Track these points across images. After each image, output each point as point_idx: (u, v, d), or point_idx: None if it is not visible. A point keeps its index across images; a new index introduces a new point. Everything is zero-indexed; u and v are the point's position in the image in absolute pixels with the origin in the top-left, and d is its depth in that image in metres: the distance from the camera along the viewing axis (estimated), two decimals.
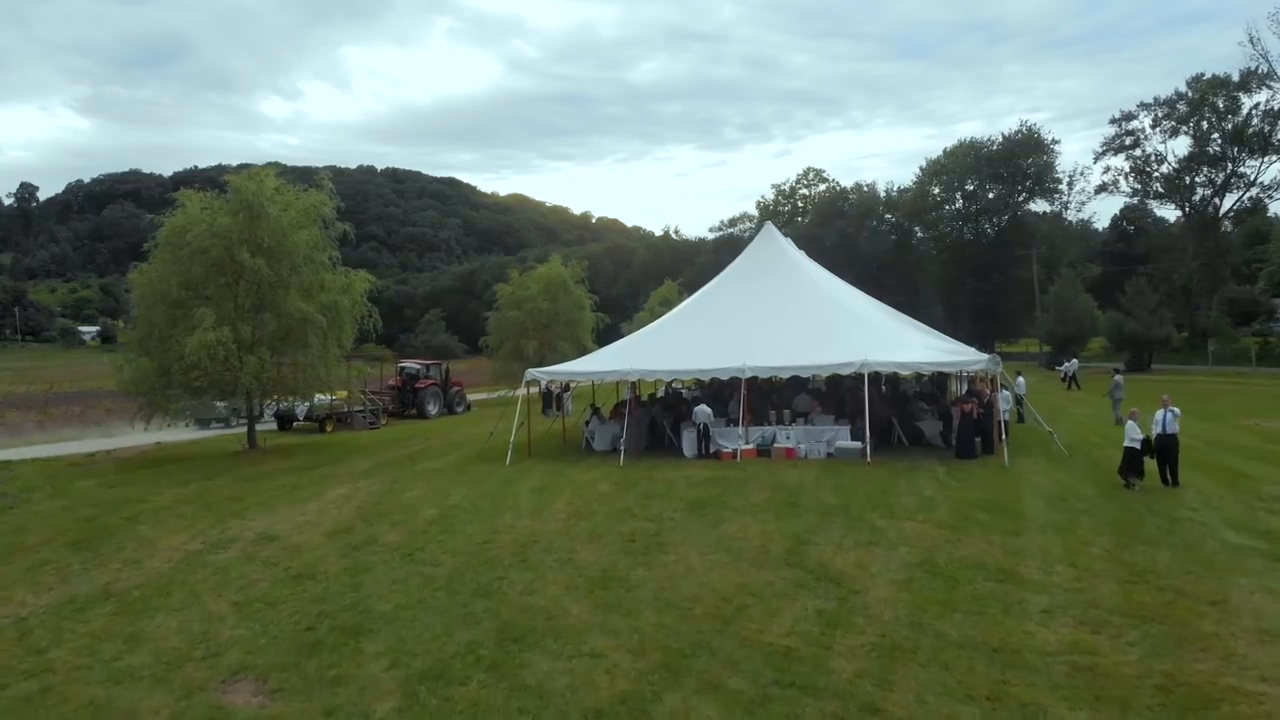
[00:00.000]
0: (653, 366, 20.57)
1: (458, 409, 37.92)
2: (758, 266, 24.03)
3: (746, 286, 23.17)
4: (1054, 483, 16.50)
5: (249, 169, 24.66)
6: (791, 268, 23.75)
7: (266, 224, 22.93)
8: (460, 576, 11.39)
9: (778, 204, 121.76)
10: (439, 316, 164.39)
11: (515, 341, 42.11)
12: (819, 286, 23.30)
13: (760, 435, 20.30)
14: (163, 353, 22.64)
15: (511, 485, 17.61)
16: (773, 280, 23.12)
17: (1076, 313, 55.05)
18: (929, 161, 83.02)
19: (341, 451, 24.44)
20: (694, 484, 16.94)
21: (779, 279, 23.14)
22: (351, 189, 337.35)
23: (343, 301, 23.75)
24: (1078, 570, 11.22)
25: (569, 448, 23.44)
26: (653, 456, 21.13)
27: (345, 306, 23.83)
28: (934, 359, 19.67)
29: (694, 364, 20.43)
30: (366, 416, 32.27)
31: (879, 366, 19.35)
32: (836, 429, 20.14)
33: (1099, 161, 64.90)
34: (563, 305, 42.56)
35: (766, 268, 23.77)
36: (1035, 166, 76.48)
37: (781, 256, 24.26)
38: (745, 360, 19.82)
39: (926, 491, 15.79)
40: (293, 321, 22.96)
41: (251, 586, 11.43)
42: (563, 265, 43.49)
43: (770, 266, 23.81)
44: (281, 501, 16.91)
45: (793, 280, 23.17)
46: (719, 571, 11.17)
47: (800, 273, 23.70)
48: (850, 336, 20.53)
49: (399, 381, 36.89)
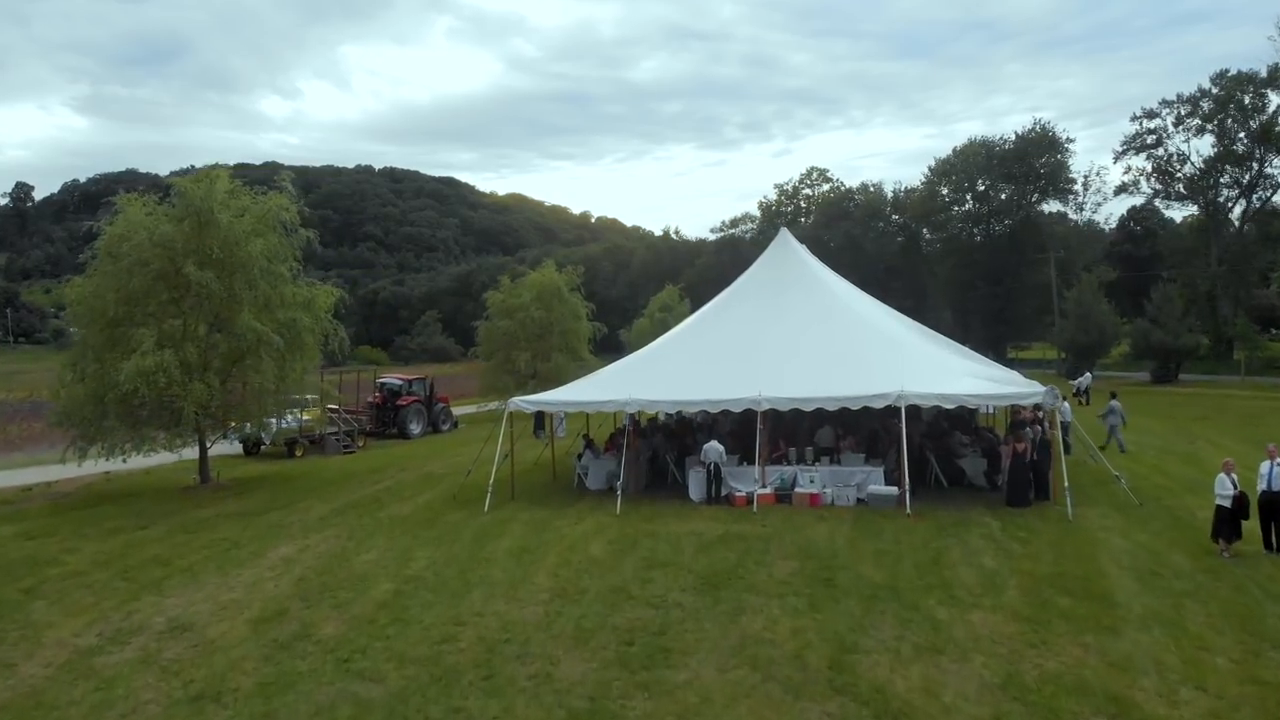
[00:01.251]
0: (654, 396, 17.83)
1: (443, 427, 35.20)
2: (772, 277, 21.28)
3: (760, 301, 20.44)
4: (1135, 547, 13.77)
5: (210, 168, 21.89)
6: (811, 280, 20.99)
7: (216, 232, 20.21)
8: (404, 702, 8.69)
9: (780, 204, 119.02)
10: (435, 318, 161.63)
11: (506, 353, 39.35)
12: (843, 301, 20.53)
13: (779, 477, 17.59)
14: (98, 379, 19.91)
15: (487, 544, 14.88)
16: (790, 294, 20.39)
17: (1098, 319, 52.28)
18: (938, 161, 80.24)
19: (302, 488, 21.69)
20: (704, 545, 14.21)
21: (797, 292, 20.41)
22: (349, 188, 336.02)
23: (303, 319, 20.97)
24: (1208, 696, 8.55)
25: (559, 485, 20.72)
26: (654, 498, 18.44)
27: (306, 324, 21.06)
28: (981, 390, 16.94)
29: (701, 393, 17.69)
30: (340, 439, 29.52)
31: (918, 399, 16.63)
32: (868, 471, 17.40)
33: (1119, 161, 62.14)
34: (557, 314, 39.79)
35: (782, 279, 21.03)
36: (1048, 166, 73.74)
37: (799, 266, 21.51)
38: (761, 389, 17.10)
39: (986, 560, 13.06)
40: (245, 342, 20.22)
41: (135, 715, 8.73)
42: (557, 271, 40.67)
43: (787, 277, 21.07)
44: (212, 567, 14.17)
45: (813, 294, 20.43)
46: (745, 702, 8.45)
47: (821, 285, 20.94)
48: (883, 361, 17.83)
49: (379, 398, 34.13)
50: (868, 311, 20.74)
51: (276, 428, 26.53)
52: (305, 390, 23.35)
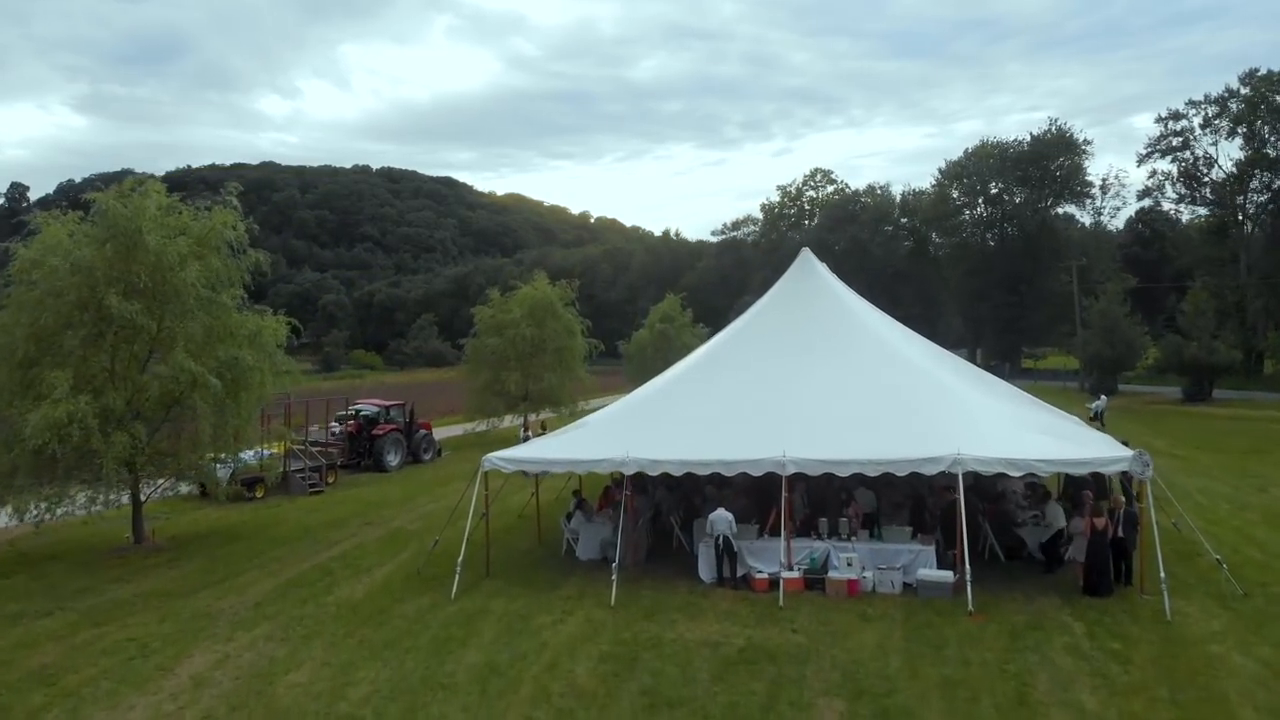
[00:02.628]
0: (658, 454, 14.86)
1: (424, 456, 32.23)
2: (794, 307, 18.30)
3: (780, 336, 17.48)
4: (1261, 668, 10.84)
5: (136, 182, 18.93)
6: (841, 311, 17.99)
7: (145, 256, 17.26)
8: None
9: (783, 206, 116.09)
10: (432, 321, 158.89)
11: (494, 373, 36.48)
12: (880, 337, 17.53)
13: (808, 554, 14.66)
14: (7, 428, 16.99)
15: (447, 657, 11.93)
16: (816, 327, 17.44)
17: (1124, 333, 49.38)
18: (948, 163, 77.48)
19: (247, 551, 18.71)
20: (722, 665, 11.26)
21: (824, 326, 17.46)
22: (346, 189, 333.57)
23: (247, 357, 18.00)
24: None
25: (545, 552, 17.77)
26: (657, 575, 15.53)
27: (250, 364, 18.09)
28: (1054, 453, 13.97)
29: (714, 450, 14.74)
30: (306, 477, 26.56)
31: (978, 464, 13.71)
32: (915, 550, 14.45)
33: (1143, 164, 59.18)
34: (550, 331, 36.90)
35: (806, 309, 18.07)
36: (1063, 169, 70.89)
37: (825, 294, 18.50)
38: (786, 448, 14.17)
39: (1084, 697, 10.12)
40: (178, 385, 17.28)
41: None
42: (550, 285, 37.74)
43: (811, 307, 18.10)
44: (103, 692, 11.22)
45: (843, 328, 17.45)
46: None
47: (853, 318, 17.94)
48: (932, 413, 14.93)
49: (354, 427, 31.15)
50: (909, 350, 17.72)
51: (232, 468, 23.68)
52: (246, 442, 20.33)
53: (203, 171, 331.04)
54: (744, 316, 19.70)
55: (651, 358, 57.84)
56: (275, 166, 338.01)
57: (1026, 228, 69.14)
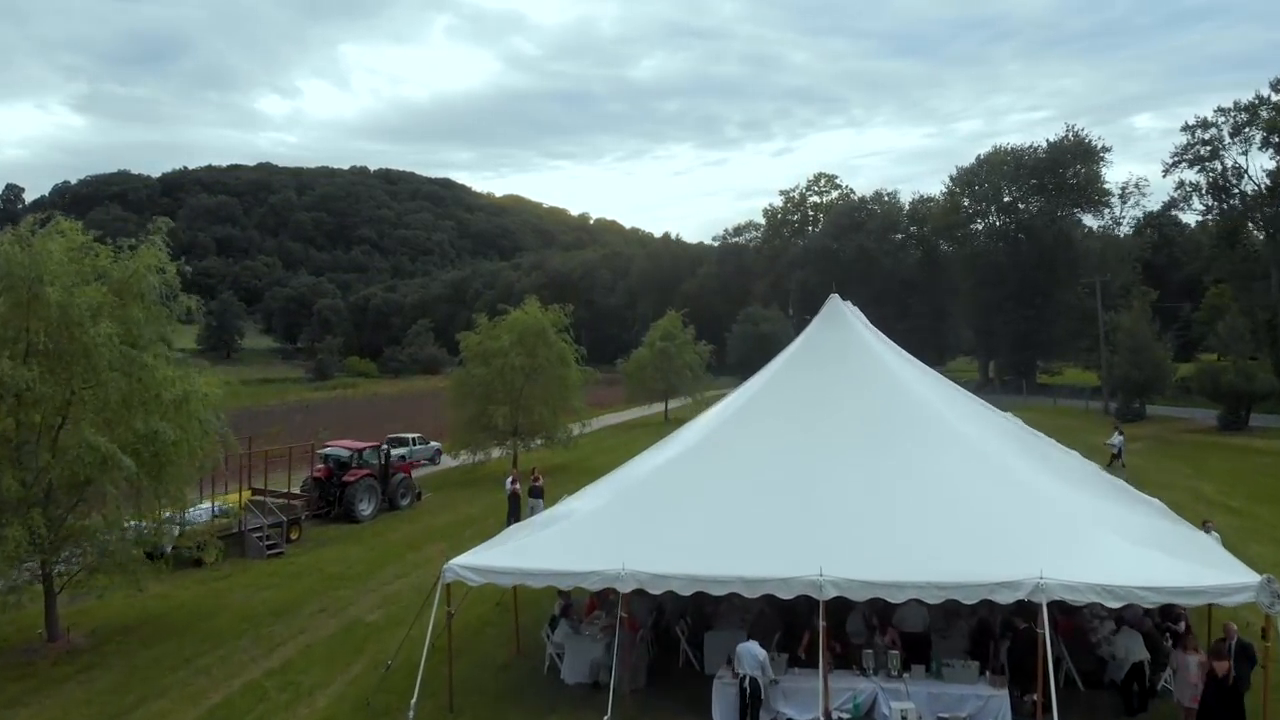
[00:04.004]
0: (661, 567, 11.98)
1: (401, 503, 29.31)
2: (825, 368, 15.30)
3: (810, 407, 14.53)
4: None
5: (34, 223, 15.98)
6: (883, 377, 14.96)
7: (45, 311, 14.38)
8: None
9: (786, 212, 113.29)
10: (427, 327, 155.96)
11: (481, 406, 33.59)
12: (933, 413, 14.55)
13: (850, 698, 11.79)
14: None
15: None
16: (853, 396, 14.53)
17: (1153, 354, 46.50)
18: (959, 170, 74.56)
19: (176, 653, 15.78)
20: None
21: (863, 395, 14.53)
22: (343, 190, 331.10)
23: (168, 432, 15.03)
24: None
25: (524, 670, 14.80)
26: (660, 709, 12.66)
27: (173, 438, 15.11)
28: (1161, 578, 11.06)
29: (731, 563, 11.86)
30: (264, 537, 23.64)
31: (1066, 593, 10.85)
32: (985, 696, 11.55)
33: (1169, 175, 56.18)
34: (541, 359, 34.02)
35: (839, 371, 15.11)
36: (1078, 177, 67.95)
37: (863, 354, 15.52)
38: (823, 564, 11.32)
39: None
40: (84, 465, 14.39)
41: None
42: (541, 310, 34.85)
43: (845, 368, 15.14)
44: None
45: (886, 398, 14.50)
46: None
47: (897, 386, 14.92)
48: (1004, 516, 12.09)
49: (323, 472, 28.24)
50: (966, 425, 14.73)
51: (184, 525, 20.82)
52: (161, 538, 17.29)
53: (199, 173, 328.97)
54: (765, 374, 16.75)
55: (652, 377, 55.14)
56: (272, 168, 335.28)
57: (1042, 238, 66.17)
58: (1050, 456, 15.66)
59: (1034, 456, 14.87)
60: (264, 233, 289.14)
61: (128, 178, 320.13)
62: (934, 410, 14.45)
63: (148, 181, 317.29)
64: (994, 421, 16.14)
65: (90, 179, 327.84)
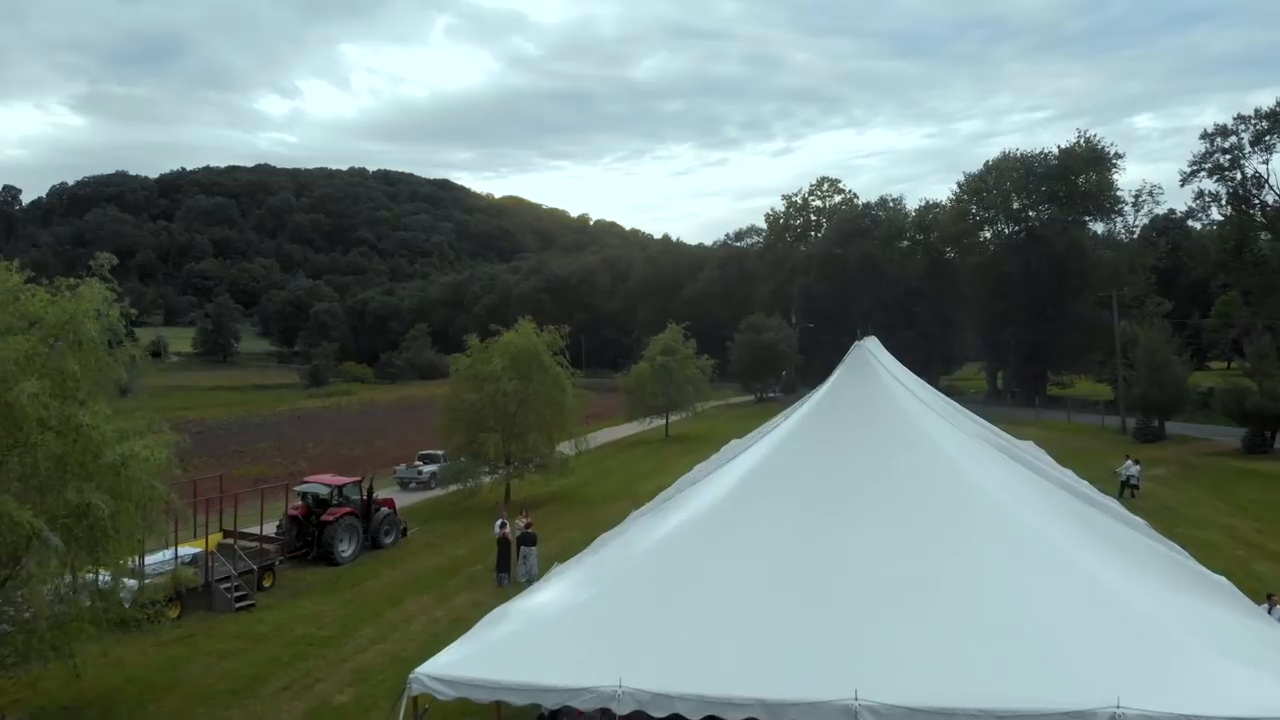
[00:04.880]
0: (665, 685, 10.17)
1: (385, 540, 27.55)
2: (854, 431, 13.47)
3: (838, 482, 12.73)
4: None
5: None
6: (923, 449, 13.05)
7: None
8: None
9: (789, 217, 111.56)
10: (425, 332, 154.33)
11: (471, 433, 31.87)
12: (983, 493, 12.66)
13: None
14: None
15: None
16: (887, 468, 12.72)
17: (1173, 372, 44.74)
18: (967, 177, 72.83)
19: None
20: None
21: (898, 470, 12.70)
22: (341, 192, 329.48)
23: (101, 504, 13.24)
24: None
25: None
26: None
27: (105, 512, 13.32)
28: (1262, 707, 9.29)
29: (749, 684, 10.05)
30: (234, 587, 21.89)
31: None
32: None
33: (1187, 184, 54.44)
34: (536, 384, 32.29)
35: (870, 435, 13.28)
36: (1089, 184, 66.18)
37: (897, 418, 13.64)
38: (858, 685, 9.60)
39: None
40: (10, 542, 12.64)
41: None
42: (535, 332, 33.10)
43: (878, 432, 13.30)
44: None
45: (926, 476, 12.62)
46: None
47: (940, 460, 13.07)
48: (1069, 620, 10.34)
49: (301, 510, 26.48)
50: (1021, 509, 12.79)
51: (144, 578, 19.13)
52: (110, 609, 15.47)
53: (196, 174, 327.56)
54: (782, 431, 14.89)
55: (652, 392, 53.46)
56: (270, 169, 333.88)
57: (1053, 247, 64.41)
58: (1116, 536, 13.76)
59: (1097, 536, 13.01)
60: (262, 234, 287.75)
61: (125, 179, 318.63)
62: (980, 487, 12.62)
63: (145, 183, 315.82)
64: (1050, 497, 14.19)
65: (88, 180, 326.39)
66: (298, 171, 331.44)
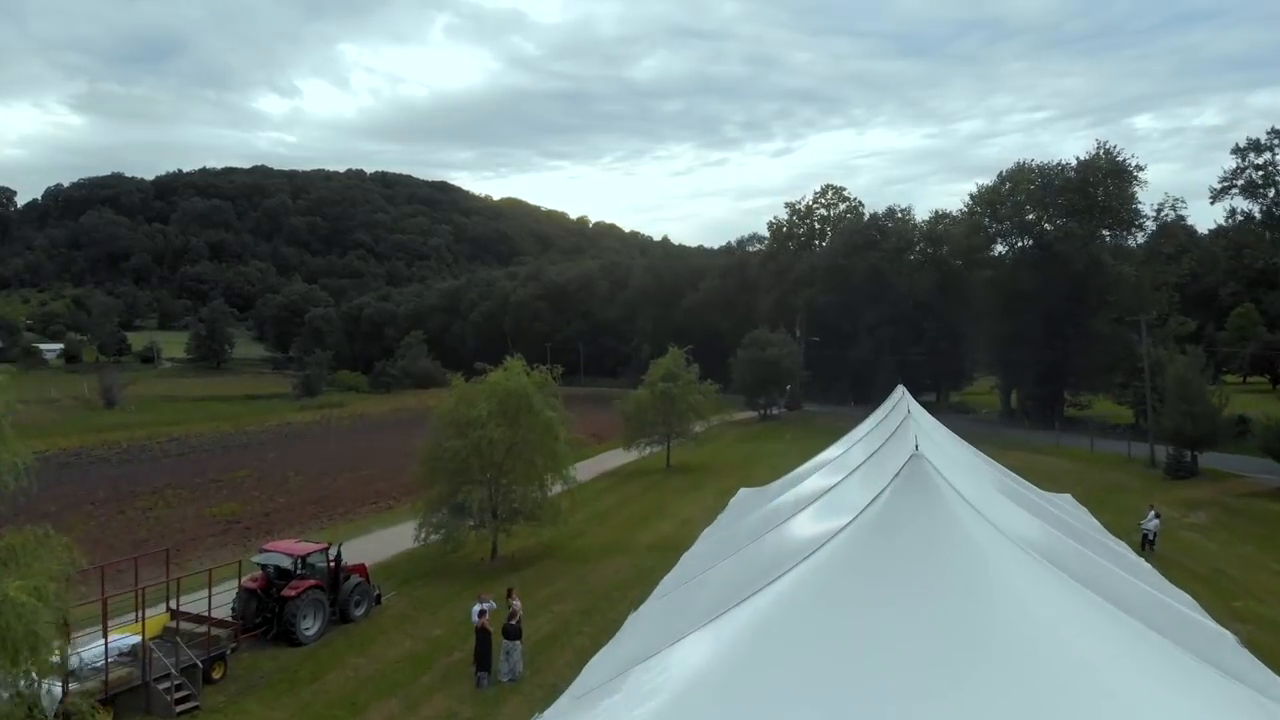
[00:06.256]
0: None
1: (356, 613, 24.74)
2: (911, 575, 10.61)
3: (890, 646, 9.87)
4: None
5: None
6: (1005, 607, 10.15)
7: None
8: None
9: (792, 225, 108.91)
10: (421, 339, 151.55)
11: (454, 484, 29.08)
12: (1068, 651, 9.79)
13: None
14: None
15: None
16: (956, 624, 9.88)
17: (1207, 406, 41.93)
18: (980, 188, 70.01)
19: None
20: None
21: (972, 624, 9.89)
22: (338, 194, 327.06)
23: None
24: None
25: None
26: None
27: None
28: None
29: None
30: (174, 686, 19.06)
31: None
32: None
33: (1217, 202, 51.68)
34: (525, 430, 29.50)
35: (935, 581, 10.39)
36: (1107, 196, 63.36)
37: (966, 554, 10.76)
38: None
39: None
40: None
41: None
42: (525, 371, 30.30)
43: (945, 577, 10.45)
44: None
45: (1004, 629, 9.84)
46: None
47: (1020, 609, 10.19)
48: None
49: (260, 582, 23.65)
50: (1116, 678, 9.94)
51: (67, 681, 16.52)
52: None
53: (192, 176, 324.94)
54: (825, 553, 11.80)
55: (653, 420, 50.69)
56: (267, 170, 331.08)
57: (1072, 264, 61.58)
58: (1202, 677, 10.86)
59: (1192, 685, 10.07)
60: (258, 237, 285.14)
61: (121, 180, 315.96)
62: (1073, 654, 9.73)
63: (141, 185, 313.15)
64: (1145, 643, 11.25)
65: (83, 182, 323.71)
66: (294, 174, 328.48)
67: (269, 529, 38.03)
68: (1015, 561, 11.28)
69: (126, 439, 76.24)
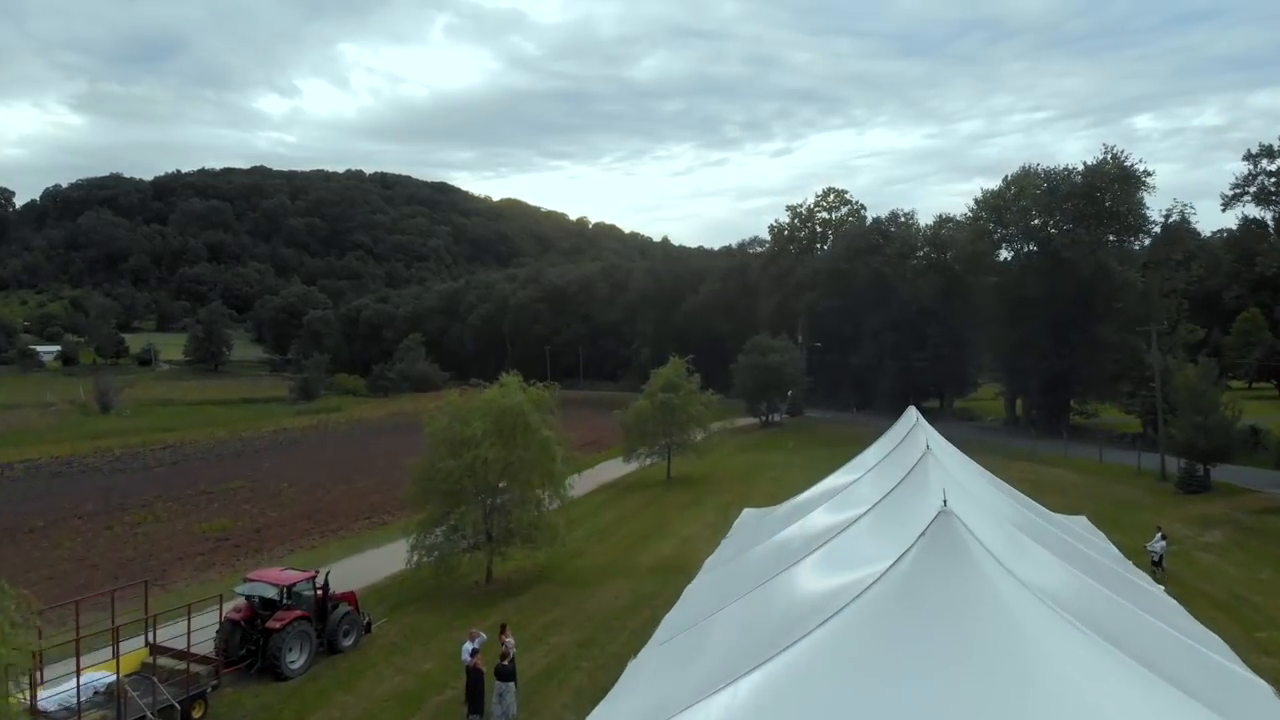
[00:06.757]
0: None
1: (345, 643, 23.76)
2: (939, 643, 9.63)
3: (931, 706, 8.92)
4: None
5: None
6: (1042, 675, 9.24)
7: None
8: None
9: (794, 228, 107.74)
10: (419, 341, 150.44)
11: (448, 506, 28.11)
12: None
13: None
14: None
15: None
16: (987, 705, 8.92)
17: (1221, 419, 40.91)
18: (985, 194, 68.97)
19: None
20: None
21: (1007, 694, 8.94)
22: (337, 195, 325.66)
23: None
24: None
25: None
26: None
27: None
28: None
29: None
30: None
31: None
32: None
33: (1228, 209, 50.71)
34: (521, 449, 28.52)
35: (966, 657, 9.44)
36: (1115, 202, 62.36)
37: (998, 622, 9.76)
38: None
39: None
40: None
41: None
42: (522, 388, 29.34)
43: (967, 643, 9.53)
44: None
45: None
46: None
47: (1056, 682, 9.27)
48: None
49: (244, 613, 22.68)
50: None
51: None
52: None
53: (191, 176, 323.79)
54: (844, 622, 10.82)
55: (653, 431, 49.70)
56: (266, 171, 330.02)
57: (1080, 271, 60.55)
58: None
59: None
60: (256, 238, 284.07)
61: (119, 181, 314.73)
62: None
63: (139, 185, 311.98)
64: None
65: (82, 183, 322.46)
66: (294, 174, 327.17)
67: (259, 546, 37.07)
68: (1049, 627, 10.31)
69: (120, 446, 75.26)
